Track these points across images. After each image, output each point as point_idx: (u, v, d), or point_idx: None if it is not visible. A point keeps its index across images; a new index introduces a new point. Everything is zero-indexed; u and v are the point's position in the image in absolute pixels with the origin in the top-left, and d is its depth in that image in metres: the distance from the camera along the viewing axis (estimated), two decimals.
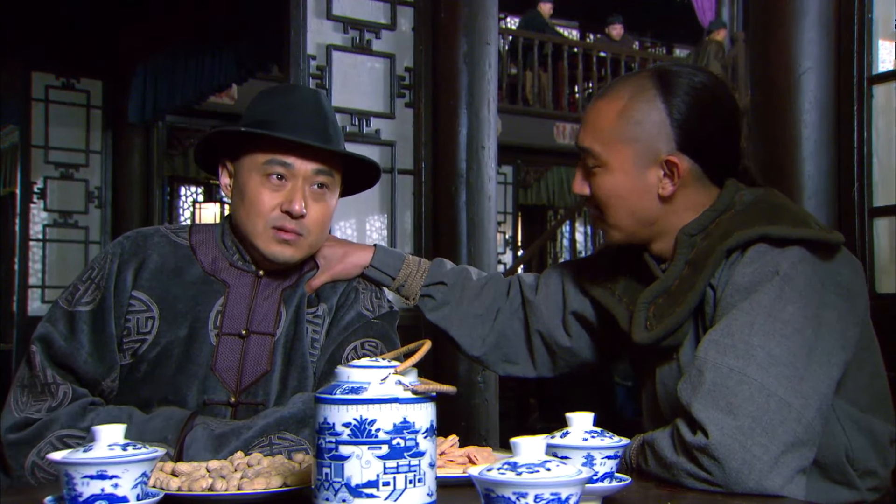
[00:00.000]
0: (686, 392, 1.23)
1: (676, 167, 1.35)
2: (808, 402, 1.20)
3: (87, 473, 0.95)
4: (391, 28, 3.29)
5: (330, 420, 0.91)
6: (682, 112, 1.34)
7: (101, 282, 1.48)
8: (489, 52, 3.32)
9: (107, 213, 6.25)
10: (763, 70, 2.65)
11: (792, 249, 1.27)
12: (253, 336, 1.50)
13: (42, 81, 6.14)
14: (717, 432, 1.17)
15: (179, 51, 5.67)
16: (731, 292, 1.27)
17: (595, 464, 1.11)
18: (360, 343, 1.53)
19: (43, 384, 1.41)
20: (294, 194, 1.46)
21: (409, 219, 3.29)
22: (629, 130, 1.35)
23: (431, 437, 0.94)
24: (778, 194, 1.41)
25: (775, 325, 1.22)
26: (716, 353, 1.22)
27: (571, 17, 11.98)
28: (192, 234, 1.57)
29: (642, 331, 1.36)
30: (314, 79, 3.11)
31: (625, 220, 1.40)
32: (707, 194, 1.39)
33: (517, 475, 0.88)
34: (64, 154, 6.18)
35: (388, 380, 0.94)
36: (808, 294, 1.24)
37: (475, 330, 1.62)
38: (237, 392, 1.47)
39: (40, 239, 6.13)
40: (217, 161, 1.55)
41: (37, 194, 6.12)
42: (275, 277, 1.54)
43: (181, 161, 9.17)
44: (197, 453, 1.33)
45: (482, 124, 3.27)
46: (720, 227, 1.34)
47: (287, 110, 1.48)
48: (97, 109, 6.30)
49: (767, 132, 2.63)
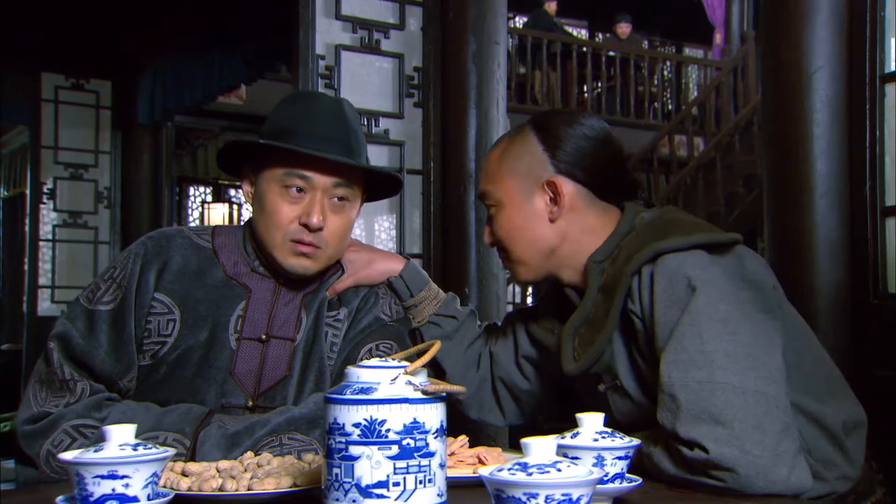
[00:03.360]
0: (667, 419, 1.24)
1: (557, 188, 1.44)
2: (777, 385, 1.24)
3: (98, 473, 0.95)
4: (400, 28, 3.29)
5: (340, 420, 0.92)
6: (557, 141, 1.46)
7: (123, 282, 1.48)
8: (498, 51, 3.31)
9: (116, 214, 6.27)
10: (773, 69, 2.64)
11: (693, 255, 1.31)
12: (273, 341, 1.50)
13: (51, 82, 6.16)
14: (714, 444, 1.18)
15: (188, 51, 5.69)
16: (663, 310, 1.30)
17: (606, 464, 1.11)
18: (376, 345, 1.53)
19: (61, 381, 1.42)
20: (312, 207, 1.45)
21: (417, 219, 3.29)
22: (510, 165, 1.48)
23: (441, 438, 0.94)
24: (674, 210, 1.48)
25: (718, 327, 1.25)
26: (679, 372, 1.24)
27: (580, 17, 11.95)
28: (215, 236, 1.57)
29: (571, 362, 1.41)
30: (323, 79, 3.11)
31: (526, 253, 1.48)
32: (605, 218, 1.47)
33: (528, 476, 0.88)
34: (73, 154, 6.20)
35: (399, 380, 0.94)
36: (727, 290, 1.29)
37: (467, 372, 1.69)
38: (255, 396, 1.47)
39: (50, 239, 6.15)
40: (240, 166, 1.55)
41: (46, 195, 6.14)
42: (296, 283, 1.54)
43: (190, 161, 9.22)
44: (209, 451, 1.33)
45: (491, 124, 3.26)
46: (623, 251, 1.39)
47: (308, 120, 1.47)
48: (106, 110, 6.32)
49: (778, 131, 2.62)
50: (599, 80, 9.71)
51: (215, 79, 5.50)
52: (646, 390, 1.38)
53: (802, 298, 2.45)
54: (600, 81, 9.72)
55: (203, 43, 5.54)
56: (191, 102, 5.83)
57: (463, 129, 3.25)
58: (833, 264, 2.53)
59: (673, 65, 10.71)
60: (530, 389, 1.68)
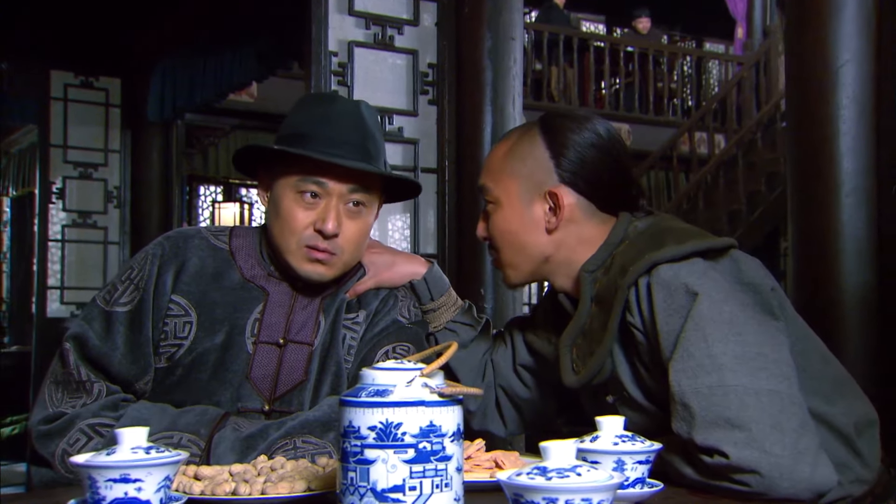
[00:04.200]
0: (683, 428, 1.24)
1: (558, 199, 1.44)
2: (790, 382, 1.24)
3: (110, 477, 0.96)
4: (414, 23, 3.29)
5: (355, 423, 0.92)
6: (563, 148, 1.45)
7: (141, 283, 1.49)
8: (514, 47, 3.31)
9: (126, 213, 6.30)
10: (798, 64, 2.62)
11: (689, 263, 1.32)
12: (291, 345, 1.51)
13: (60, 80, 6.20)
14: (733, 449, 1.18)
15: (198, 48, 5.71)
16: (665, 320, 1.30)
17: (626, 469, 1.10)
18: (392, 347, 1.53)
19: (77, 381, 1.43)
20: (328, 213, 1.45)
21: (432, 218, 3.28)
22: (514, 166, 1.48)
23: (458, 441, 0.94)
24: (668, 218, 1.49)
25: (723, 329, 1.26)
26: (688, 379, 1.25)
27: (597, 11, 11.92)
28: (233, 238, 1.58)
29: (570, 374, 1.42)
30: (336, 76, 3.12)
31: (517, 257, 1.50)
32: (602, 228, 1.48)
33: (547, 480, 0.88)
34: (83, 153, 6.24)
35: (415, 382, 0.94)
36: (729, 293, 1.30)
37: (476, 381, 1.70)
38: (271, 400, 1.48)
39: (59, 239, 6.19)
40: (256, 167, 1.55)
41: (56, 194, 6.18)
42: (314, 286, 1.54)
43: (200, 160, 9.25)
44: (224, 454, 1.34)
45: (507, 121, 3.26)
46: (617, 261, 1.40)
47: (324, 124, 1.47)
48: (116, 108, 6.35)
49: (803, 128, 2.60)
50: (617, 76, 9.67)
51: (226, 76, 5.52)
52: (653, 400, 1.39)
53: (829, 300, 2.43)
54: (618, 77, 9.69)
55: (214, 40, 5.56)
56: (201, 100, 5.86)
57: (478, 126, 3.25)
58: (860, 265, 2.51)
59: (693, 60, 10.66)
60: (530, 398, 1.70)
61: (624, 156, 1.50)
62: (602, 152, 1.46)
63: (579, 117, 1.49)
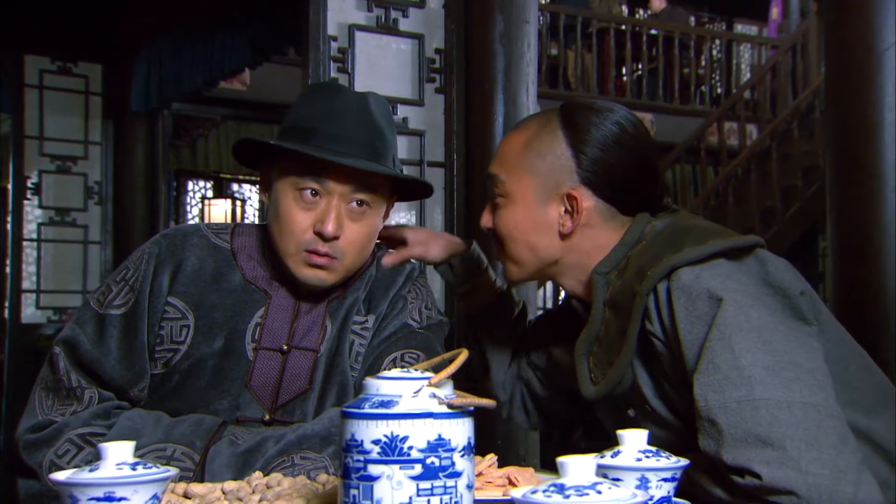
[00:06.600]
0: (710, 446, 1.24)
1: (577, 202, 1.44)
2: (826, 393, 1.22)
3: (93, 495, 0.96)
4: (420, 5, 3.30)
5: (358, 437, 0.92)
6: (585, 146, 1.44)
7: (136, 284, 1.50)
8: (528, 30, 3.31)
9: (108, 211, 6.30)
10: (839, 46, 2.62)
11: (711, 266, 1.31)
12: (294, 352, 1.51)
13: (36, 65, 6.20)
14: (766, 469, 1.17)
15: (187, 32, 5.72)
16: (687, 328, 1.30)
17: (650, 486, 1.10)
18: (401, 354, 1.54)
19: (68, 388, 1.44)
20: (327, 214, 1.46)
21: (439, 215, 3.29)
22: (532, 161, 1.47)
23: (469, 456, 0.95)
24: (688, 216, 1.48)
25: (751, 337, 1.24)
26: (715, 394, 1.24)
27: None
28: (234, 236, 1.58)
29: (589, 386, 1.43)
30: (335, 62, 3.12)
31: (524, 256, 1.50)
32: (620, 232, 1.47)
33: (565, 498, 0.88)
34: (60, 145, 6.25)
35: (422, 392, 0.94)
36: (755, 297, 1.28)
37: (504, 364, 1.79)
38: (272, 410, 1.49)
39: (35, 239, 6.20)
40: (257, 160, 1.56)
41: (31, 190, 6.19)
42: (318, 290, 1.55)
43: (188, 153, 9.28)
44: (219, 470, 1.34)
45: (520, 111, 3.26)
46: (632, 263, 1.39)
47: (328, 117, 1.47)
48: (97, 96, 6.36)
49: (843, 117, 2.60)
50: (640, 61, 9.67)
51: (217, 62, 5.53)
52: (678, 414, 1.39)
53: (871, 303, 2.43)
54: (641, 63, 9.68)
55: (204, 23, 5.57)
56: (190, 88, 5.86)
57: (489, 116, 3.25)
58: None
59: (723, 43, 10.65)
60: (545, 395, 1.76)
61: (651, 152, 1.49)
62: (627, 150, 1.45)
63: (603, 109, 1.47)
